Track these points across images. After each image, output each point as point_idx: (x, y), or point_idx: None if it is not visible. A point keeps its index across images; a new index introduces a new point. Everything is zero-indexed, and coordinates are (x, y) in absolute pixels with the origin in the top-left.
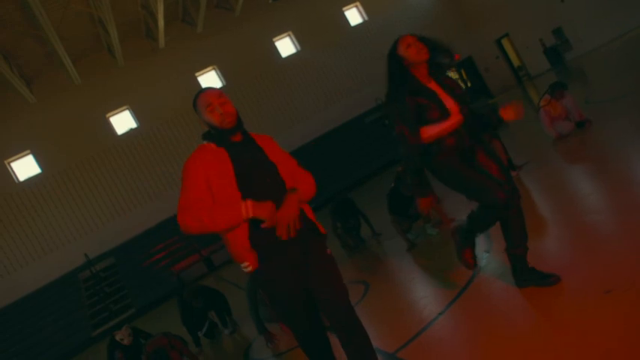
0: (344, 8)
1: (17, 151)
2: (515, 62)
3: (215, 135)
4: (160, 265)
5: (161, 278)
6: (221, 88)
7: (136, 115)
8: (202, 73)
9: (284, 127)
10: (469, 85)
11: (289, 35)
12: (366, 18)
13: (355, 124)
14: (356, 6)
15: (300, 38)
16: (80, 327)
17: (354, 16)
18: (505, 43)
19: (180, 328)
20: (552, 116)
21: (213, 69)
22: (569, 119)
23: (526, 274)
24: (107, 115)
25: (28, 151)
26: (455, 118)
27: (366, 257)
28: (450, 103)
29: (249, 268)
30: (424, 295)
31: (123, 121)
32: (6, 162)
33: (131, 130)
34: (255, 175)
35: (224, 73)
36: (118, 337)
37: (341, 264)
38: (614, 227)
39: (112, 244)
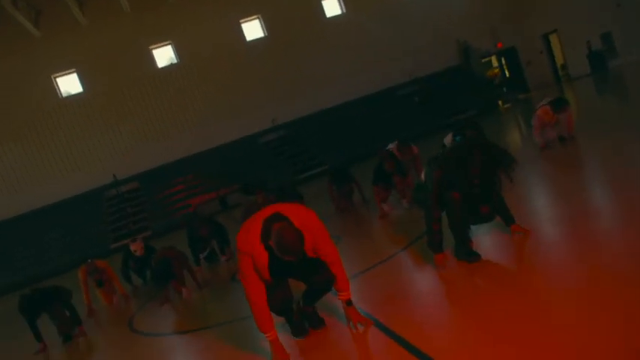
0: None
1: (64, 68)
2: (559, 60)
3: (272, 253)
4: (179, 197)
5: (178, 208)
6: (262, 38)
7: (178, 52)
8: (247, 21)
9: (317, 86)
10: (507, 75)
11: None
12: None
13: (387, 96)
14: None
15: (347, 0)
16: (101, 239)
17: None
18: (553, 39)
19: (186, 250)
20: (544, 122)
21: (258, 18)
22: (555, 128)
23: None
24: (150, 47)
25: (73, 70)
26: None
27: (349, 218)
28: None
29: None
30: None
31: (164, 55)
32: (52, 76)
33: (171, 65)
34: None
35: (267, 25)
36: (132, 248)
37: (329, 221)
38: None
39: (138, 169)
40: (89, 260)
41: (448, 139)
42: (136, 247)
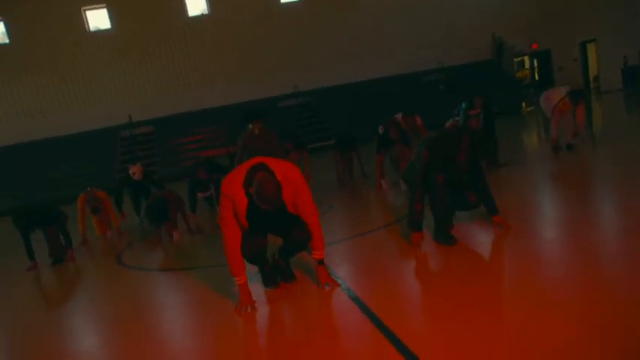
0: None
1: (95, 2)
2: (593, 71)
3: (252, 200)
4: (192, 147)
5: (189, 158)
6: (298, 2)
7: (211, 3)
8: None
9: (343, 59)
10: (537, 78)
11: None
12: None
13: (412, 79)
14: None
15: None
16: (108, 173)
17: None
18: (590, 48)
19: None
20: (562, 111)
21: None
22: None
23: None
24: None
25: (104, 5)
26: None
27: (346, 190)
28: None
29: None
30: (368, 220)
31: (196, 4)
32: (82, 9)
33: (202, 15)
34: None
35: None
36: (131, 171)
37: (327, 191)
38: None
39: (155, 114)
40: (88, 188)
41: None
42: (135, 170)
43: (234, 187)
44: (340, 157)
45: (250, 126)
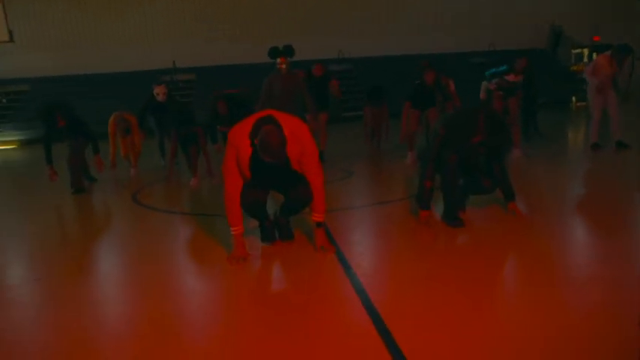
0: None
1: None
2: None
3: (256, 151)
4: None
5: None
6: None
7: None
8: None
9: (392, 30)
10: None
11: None
12: None
13: (459, 60)
14: None
15: None
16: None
17: None
18: None
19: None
20: (599, 71)
21: None
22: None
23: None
24: None
25: None
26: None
27: (369, 158)
28: None
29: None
30: (381, 192)
31: None
32: None
33: None
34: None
35: None
36: (155, 91)
37: (349, 158)
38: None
39: (199, 62)
40: (118, 112)
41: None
42: (159, 91)
43: (239, 136)
44: (370, 116)
45: (278, 61)
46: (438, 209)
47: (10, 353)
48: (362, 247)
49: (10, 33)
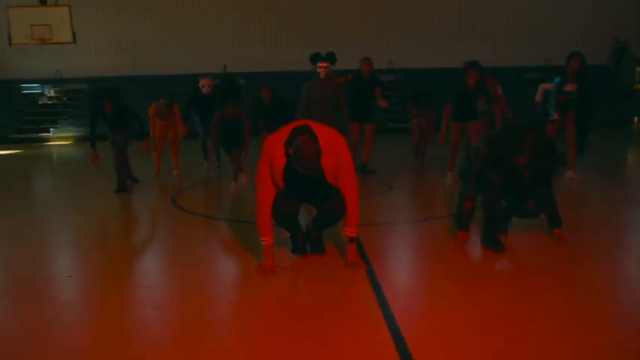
0: None
1: None
2: None
3: (291, 161)
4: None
5: None
6: None
7: None
8: None
9: (444, 41)
10: None
11: None
12: None
13: (512, 73)
14: None
15: None
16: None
17: None
18: None
19: None
20: None
21: None
22: None
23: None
24: None
25: None
26: None
27: (410, 172)
28: None
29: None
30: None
31: None
32: None
33: None
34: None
35: None
36: (200, 83)
37: (391, 172)
38: None
39: (250, 68)
40: (162, 100)
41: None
42: (205, 83)
43: (274, 144)
44: (416, 126)
45: (318, 65)
46: (478, 230)
47: (44, 352)
48: (395, 266)
49: (74, 35)
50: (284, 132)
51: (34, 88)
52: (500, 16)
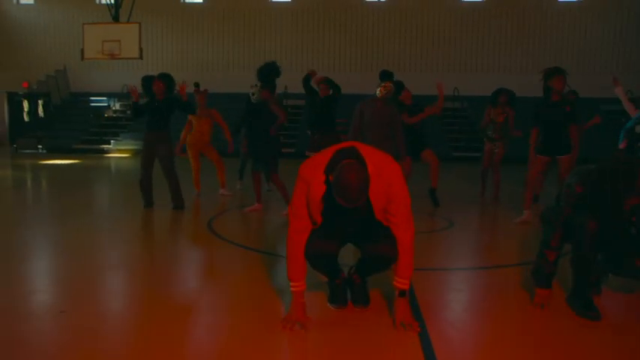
0: None
1: None
2: None
3: (331, 190)
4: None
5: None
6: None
7: None
8: None
9: (514, 68)
10: None
11: None
12: None
13: (586, 105)
14: None
15: None
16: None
17: None
18: None
19: None
20: None
21: None
22: None
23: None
24: None
25: None
26: None
27: (476, 204)
28: None
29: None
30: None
31: None
32: None
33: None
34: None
35: None
36: (251, 91)
37: (452, 204)
38: None
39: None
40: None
41: None
42: (255, 90)
43: (314, 169)
44: (489, 149)
45: (382, 83)
46: (560, 287)
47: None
48: (455, 329)
49: (141, 51)
50: (325, 154)
51: (101, 102)
52: (572, 42)
